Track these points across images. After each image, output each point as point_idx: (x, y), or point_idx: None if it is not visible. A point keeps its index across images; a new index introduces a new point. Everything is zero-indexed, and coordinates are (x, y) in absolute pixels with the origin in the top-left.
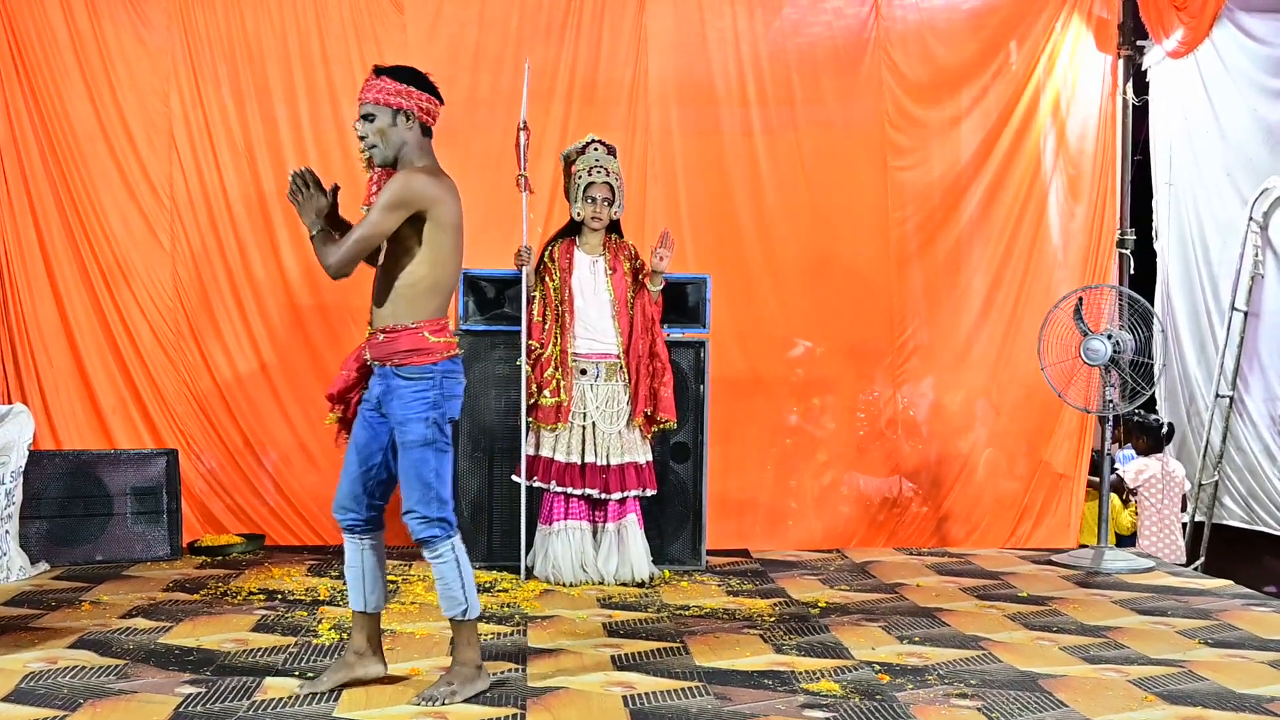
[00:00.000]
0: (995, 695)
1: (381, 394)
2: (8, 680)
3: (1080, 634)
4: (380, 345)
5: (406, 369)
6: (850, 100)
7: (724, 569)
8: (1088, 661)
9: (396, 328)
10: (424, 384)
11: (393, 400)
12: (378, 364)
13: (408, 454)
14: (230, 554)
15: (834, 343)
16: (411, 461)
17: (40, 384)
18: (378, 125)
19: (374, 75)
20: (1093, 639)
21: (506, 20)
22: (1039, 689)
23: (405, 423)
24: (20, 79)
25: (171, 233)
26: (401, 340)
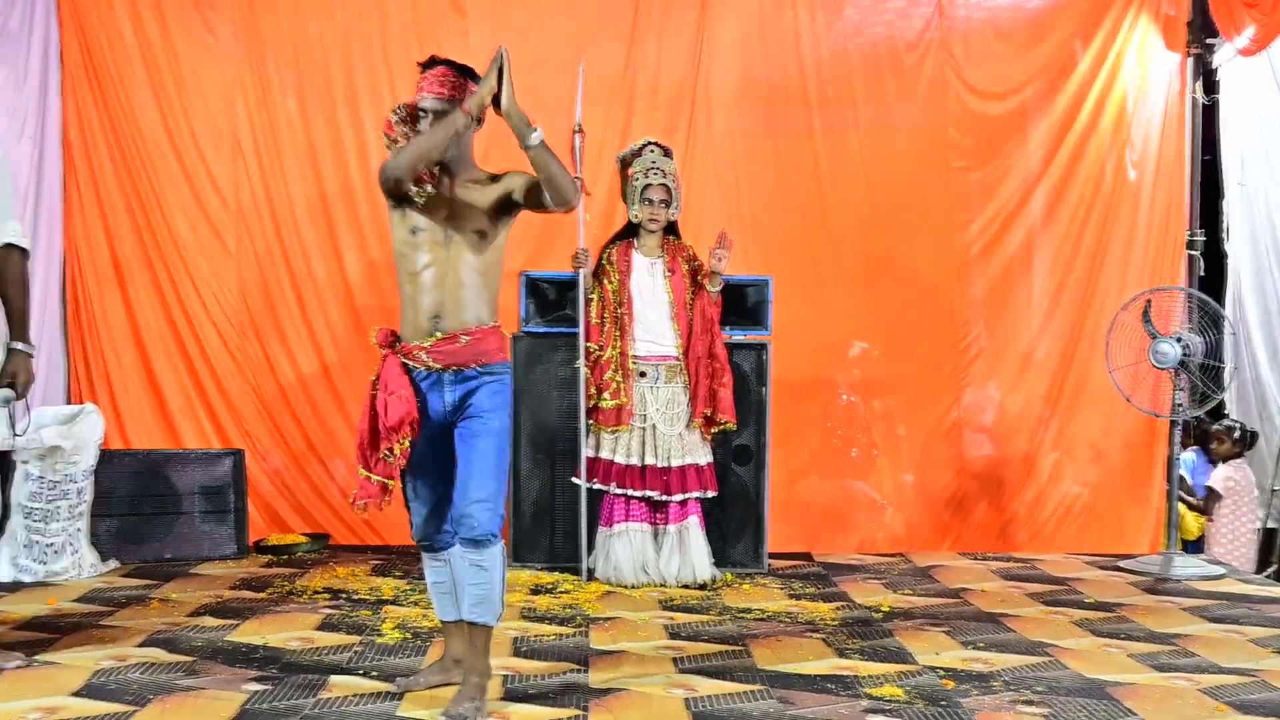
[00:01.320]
0: (1062, 702)
1: (460, 398)
2: (79, 676)
3: (1149, 641)
4: (464, 349)
5: (493, 366)
6: (912, 101)
7: (786, 572)
8: (1157, 669)
9: (483, 328)
10: (506, 378)
11: (478, 394)
12: (454, 368)
13: (491, 441)
14: (295, 553)
15: (896, 346)
16: (494, 449)
17: (110, 384)
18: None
19: (451, 70)
20: (1162, 646)
21: (567, 24)
22: (1107, 696)
23: (493, 410)
24: (91, 86)
25: (236, 236)
26: (490, 339)
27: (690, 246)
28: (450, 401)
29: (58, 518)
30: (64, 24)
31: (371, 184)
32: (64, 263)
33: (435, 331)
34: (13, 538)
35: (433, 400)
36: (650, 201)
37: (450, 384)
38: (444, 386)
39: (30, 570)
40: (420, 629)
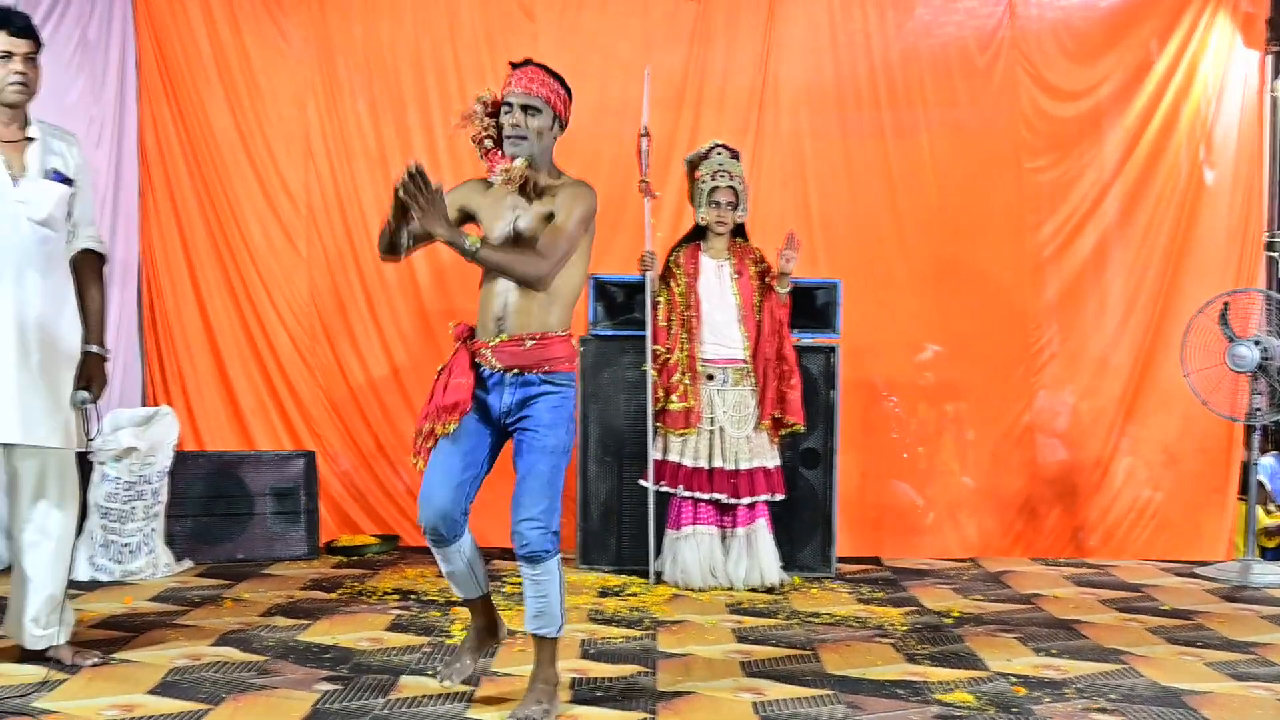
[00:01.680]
0: (1137, 711)
1: (518, 402)
2: (154, 674)
3: (1226, 649)
4: (528, 352)
5: (556, 376)
6: (984, 101)
7: (855, 576)
8: (1235, 678)
9: (549, 334)
10: (569, 391)
11: (537, 405)
12: (516, 371)
13: (545, 459)
14: (366, 554)
15: (967, 349)
16: (548, 467)
17: (184, 386)
18: (540, 123)
19: (544, 71)
20: (1240, 655)
21: (636, 28)
22: (1183, 705)
23: (551, 426)
24: (167, 92)
25: (307, 239)
26: (556, 346)
27: (758, 249)
28: (508, 403)
29: (134, 518)
30: (140, 32)
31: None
32: (140, 267)
33: (501, 333)
34: (90, 537)
35: (492, 399)
36: (718, 204)
37: (511, 385)
38: (504, 387)
39: (107, 570)
40: None
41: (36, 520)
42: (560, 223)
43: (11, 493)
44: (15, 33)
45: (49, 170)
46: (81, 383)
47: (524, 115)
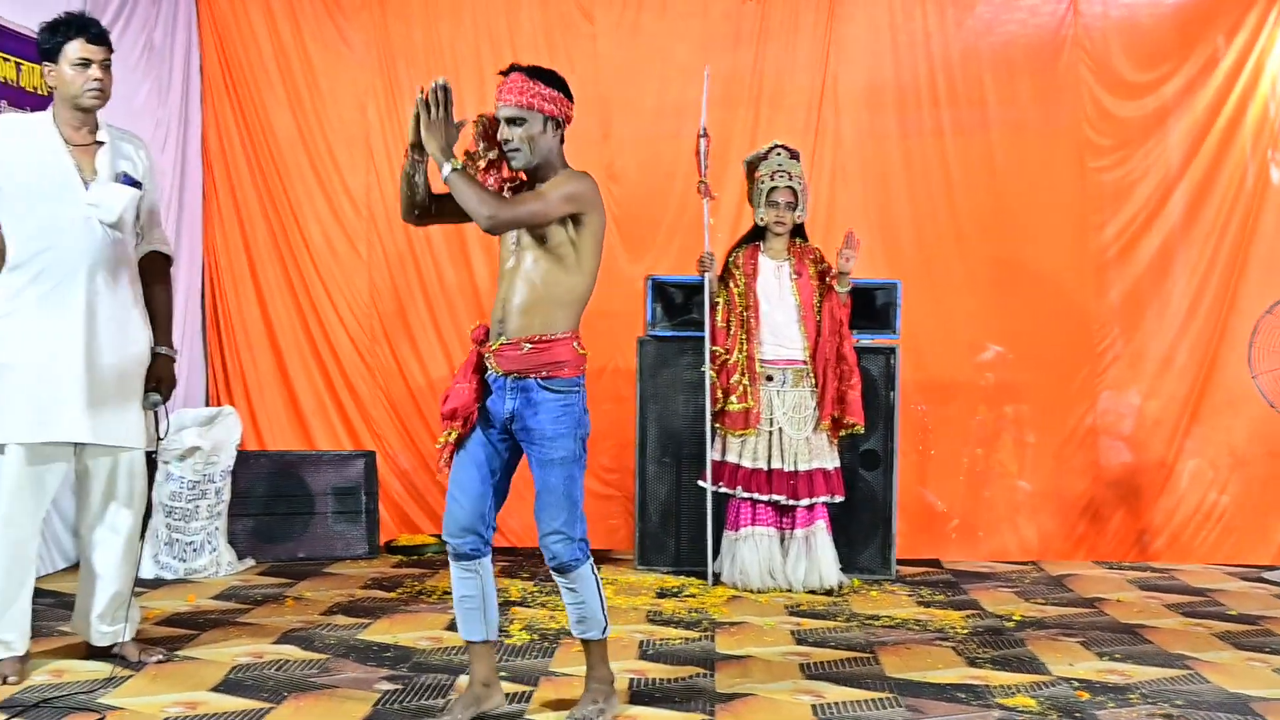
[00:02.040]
0: (1203, 717)
1: (519, 409)
2: (217, 671)
3: None
4: (525, 356)
5: (555, 381)
6: (1046, 100)
7: (915, 579)
8: None
9: (547, 337)
10: (571, 397)
11: (537, 415)
12: (515, 376)
13: (555, 471)
14: (425, 554)
15: (1029, 350)
16: (560, 480)
17: (246, 387)
18: (526, 131)
19: (525, 77)
20: None
21: (695, 29)
22: (1250, 712)
23: (555, 439)
24: (230, 96)
25: (368, 241)
26: (555, 350)
27: (818, 249)
28: (509, 409)
29: (197, 517)
30: (204, 36)
31: None
32: (204, 268)
33: (501, 336)
34: (154, 536)
35: (495, 405)
36: (776, 204)
37: (511, 391)
38: (504, 392)
39: (171, 568)
40: (548, 630)
41: (106, 519)
42: (542, 189)
43: (81, 491)
44: (92, 39)
45: (119, 174)
46: (151, 384)
47: (510, 128)
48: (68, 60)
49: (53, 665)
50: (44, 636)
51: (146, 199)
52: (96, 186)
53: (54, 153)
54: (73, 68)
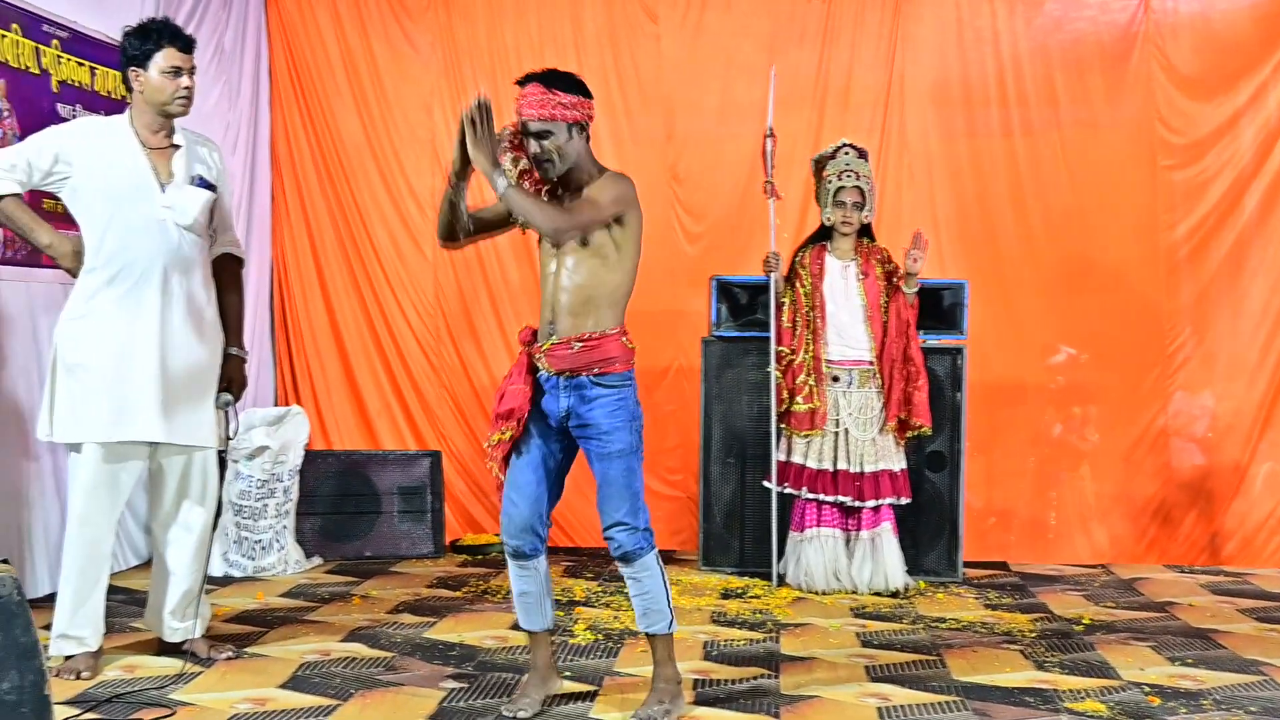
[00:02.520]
0: None
1: (573, 406)
2: (285, 669)
3: None
4: (577, 354)
5: (608, 377)
6: (1117, 98)
7: (981, 581)
8: None
9: (597, 335)
10: (624, 391)
11: (592, 411)
12: (567, 374)
13: (615, 464)
14: (490, 553)
15: (1099, 351)
16: (620, 472)
17: (313, 387)
18: (554, 142)
19: (543, 88)
20: None
21: (760, 28)
22: None
23: (611, 432)
24: (298, 99)
25: (433, 242)
26: (606, 347)
27: (885, 249)
28: (563, 407)
29: (266, 515)
30: (273, 40)
31: None
32: (272, 270)
33: (551, 336)
34: (224, 534)
35: (550, 404)
36: (843, 204)
37: (565, 390)
38: (559, 391)
39: (240, 565)
40: (612, 630)
41: (179, 517)
42: (592, 195)
43: (154, 490)
44: (184, 48)
45: (194, 176)
46: (223, 384)
47: (538, 141)
48: (158, 67)
49: (125, 661)
50: (117, 633)
51: (220, 202)
52: (172, 189)
53: (132, 156)
54: (162, 75)
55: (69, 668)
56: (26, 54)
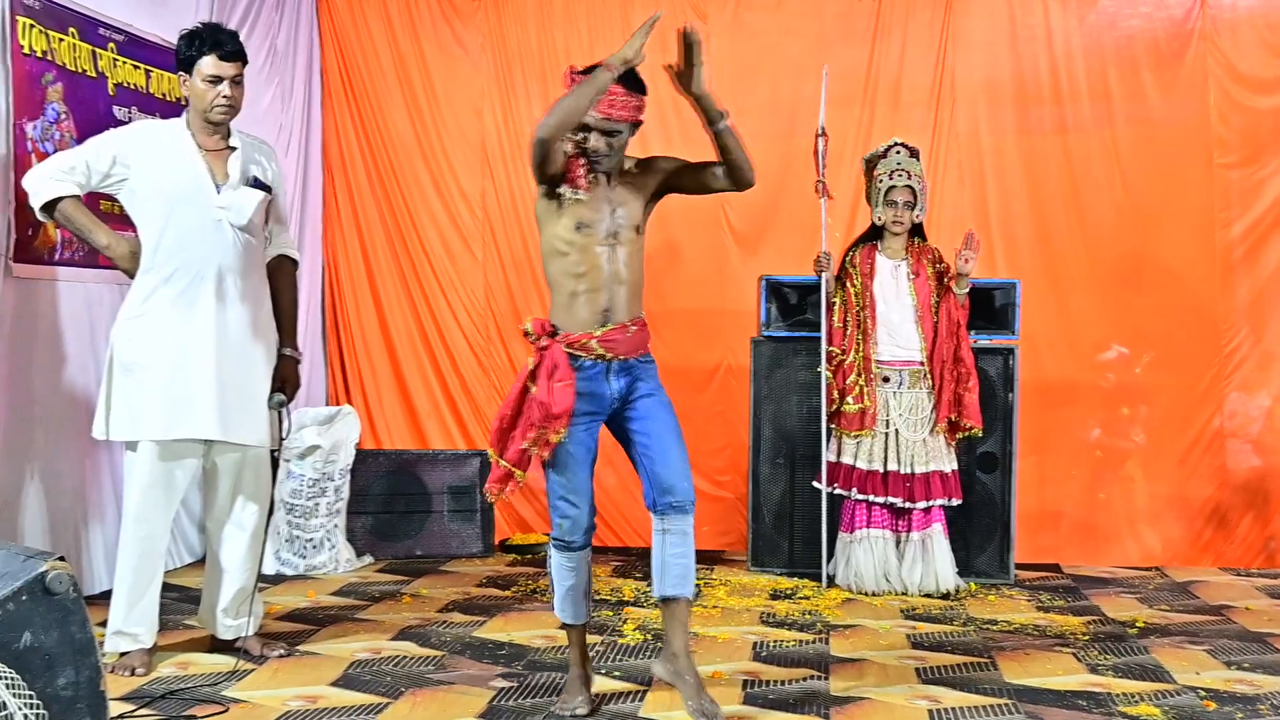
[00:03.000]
0: None
1: (627, 384)
2: (337, 666)
3: None
4: (633, 338)
5: (648, 355)
6: (1172, 95)
7: (1033, 583)
8: None
9: (642, 319)
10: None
11: (645, 382)
12: (623, 358)
13: (672, 415)
14: (539, 552)
15: (1154, 351)
16: (675, 421)
17: (363, 387)
18: (620, 141)
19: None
20: None
21: (809, 27)
22: None
23: (660, 388)
24: (349, 101)
25: (483, 243)
26: (647, 330)
27: (936, 249)
28: (618, 388)
29: (317, 514)
30: (324, 42)
31: None
32: (324, 271)
33: (607, 323)
34: (276, 533)
35: (600, 388)
36: (894, 204)
37: (616, 372)
38: (610, 375)
39: (291, 564)
40: (661, 630)
41: (234, 515)
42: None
43: (208, 488)
44: (224, 56)
45: (249, 178)
46: (276, 384)
47: (605, 139)
48: (200, 75)
49: (179, 658)
50: (171, 630)
51: (275, 203)
52: (228, 190)
53: (188, 157)
54: (204, 83)
55: (124, 664)
56: (84, 57)
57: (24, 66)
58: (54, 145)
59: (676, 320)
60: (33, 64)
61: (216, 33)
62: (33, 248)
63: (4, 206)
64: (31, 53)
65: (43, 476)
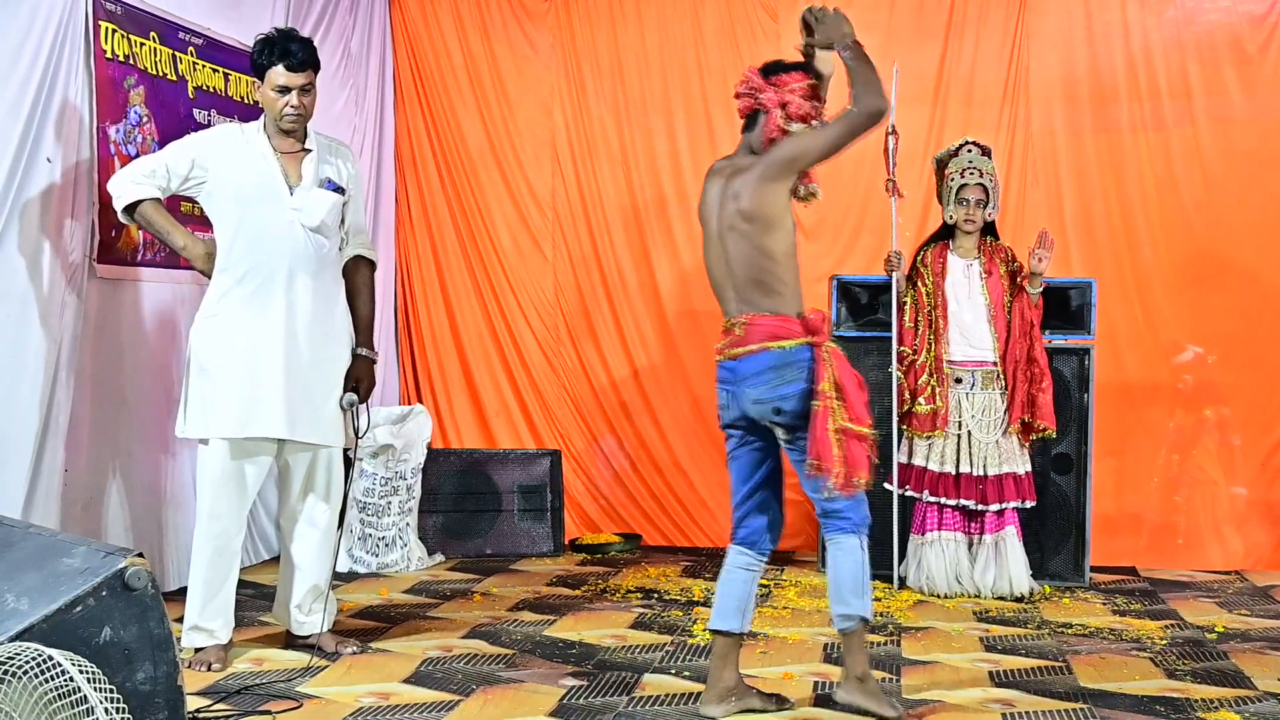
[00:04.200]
0: None
1: None
2: (409, 664)
3: None
4: None
5: None
6: (1255, 91)
7: (1109, 587)
8: None
9: None
10: None
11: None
12: None
13: None
14: (609, 552)
15: (1233, 351)
16: None
17: (434, 387)
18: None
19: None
20: None
21: (880, 23)
22: None
23: None
24: (421, 102)
25: (553, 242)
26: None
27: (1009, 248)
28: None
29: (389, 513)
30: (397, 44)
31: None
32: (396, 271)
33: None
34: (349, 531)
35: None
36: (966, 202)
37: None
38: None
39: (364, 562)
40: None
41: (305, 512)
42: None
43: (282, 486)
44: (291, 66)
45: (323, 180)
46: (350, 384)
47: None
48: (270, 84)
49: (254, 654)
50: (246, 626)
51: (351, 204)
52: (301, 191)
53: (264, 159)
54: (274, 92)
55: (200, 659)
56: (164, 61)
57: (106, 71)
58: (136, 148)
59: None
60: (115, 68)
61: (287, 41)
62: (116, 249)
63: (88, 209)
64: (114, 57)
65: (126, 474)
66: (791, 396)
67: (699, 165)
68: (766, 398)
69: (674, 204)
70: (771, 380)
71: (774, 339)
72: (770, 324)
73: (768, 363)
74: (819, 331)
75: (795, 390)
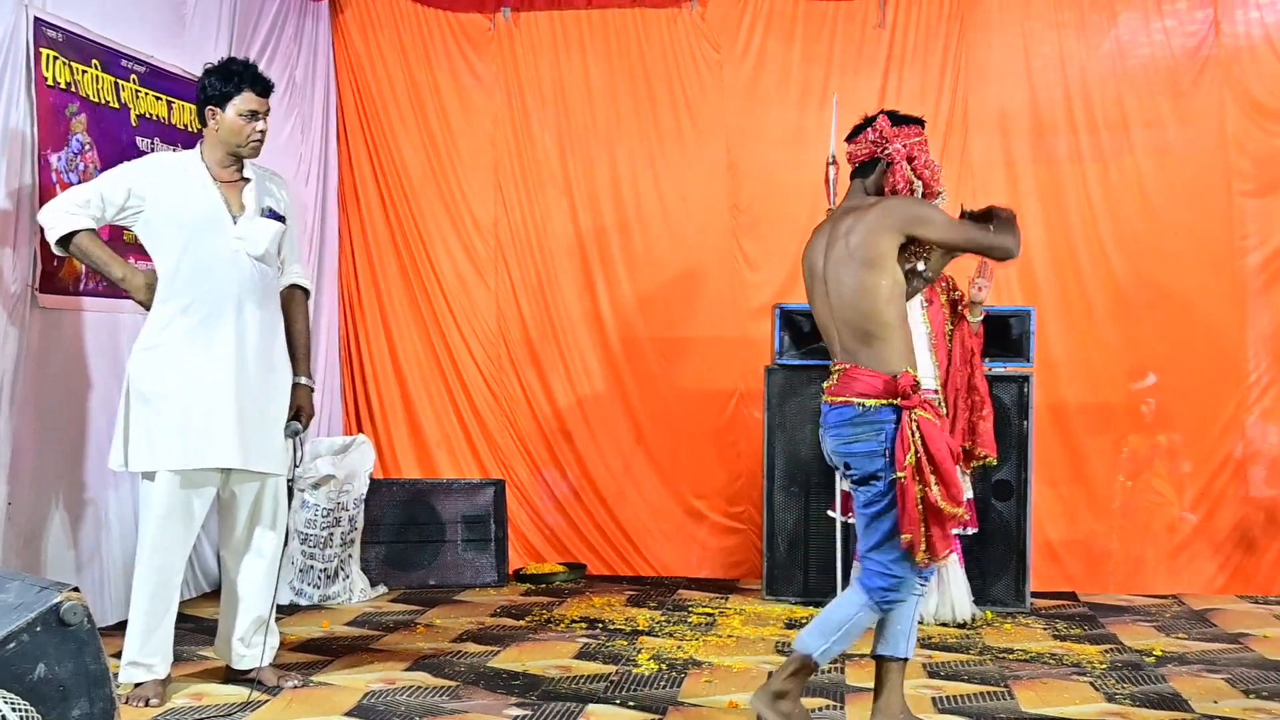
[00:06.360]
0: None
1: None
2: (350, 697)
3: None
4: None
5: None
6: (1189, 123)
7: (1050, 612)
8: None
9: None
10: None
11: None
12: None
13: None
14: (554, 582)
15: (1173, 379)
16: None
17: (374, 417)
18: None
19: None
20: None
21: (822, 56)
22: None
23: None
24: (363, 129)
25: (495, 271)
26: None
27: (950, 277)
28: None
29: (331, 544)
30: (340, 73)
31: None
32: (340, 301)
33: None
34: (290, 562)
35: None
36: None
37: None
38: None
39: (305, 594)
40: (675, 660)
41: (251, 543)
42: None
43: (225, 516)
44: (261, 91)
45: (264, 208)
46: (292, 412)
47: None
48: (235, 109)
49: (193, 688)
50: (185, 660)
51: (288, 233)
52: (244, 221)
53: (204, 188)
54: (239, 117)
55: (138, 695)
56: (106, 89)
57: (48, 98)
58: (78, 176)
59: (691, 348)
60: (57, 96)
61: (253, 69)
62: (58, 278)
63: (29, 238)
64: (56, 84)
65: (68, 506)
66: (860, 455)
67: (641, 194)
68: (839, 451)
69: (615, 233)
70: (846, 435)
71: (859, 395)
72: (862, 378)
73: (848, 417)
74: (904, 395)
75: (864, 449)
